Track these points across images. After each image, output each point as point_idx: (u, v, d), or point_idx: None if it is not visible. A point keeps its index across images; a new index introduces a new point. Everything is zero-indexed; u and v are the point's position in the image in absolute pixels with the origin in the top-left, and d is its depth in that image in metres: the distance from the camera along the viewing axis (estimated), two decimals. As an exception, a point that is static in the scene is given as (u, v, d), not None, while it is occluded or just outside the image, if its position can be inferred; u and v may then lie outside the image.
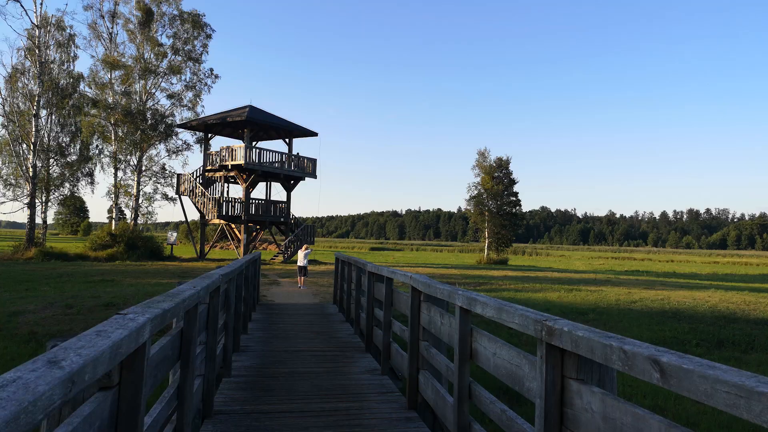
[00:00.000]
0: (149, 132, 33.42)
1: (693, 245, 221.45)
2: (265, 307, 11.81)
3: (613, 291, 20.87)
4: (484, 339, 2.98)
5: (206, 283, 3.49)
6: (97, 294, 15.10)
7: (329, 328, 9.27)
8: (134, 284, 18.67)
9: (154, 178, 36.14)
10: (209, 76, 36.43)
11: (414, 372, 4.35)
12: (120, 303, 13.47)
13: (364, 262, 7.95)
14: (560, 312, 15.13)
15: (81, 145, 36.77)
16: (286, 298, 15.45)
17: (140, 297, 14.47)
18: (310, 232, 34.28)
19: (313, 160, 33.92)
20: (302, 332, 8.70)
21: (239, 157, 30.44)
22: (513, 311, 2.59)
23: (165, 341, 2.75)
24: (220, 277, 4.07)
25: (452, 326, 3.42)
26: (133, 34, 34.13)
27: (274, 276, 23.40)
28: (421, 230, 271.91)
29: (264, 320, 9.81)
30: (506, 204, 48.86)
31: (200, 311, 3.62)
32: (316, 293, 17.02)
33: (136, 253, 30.48)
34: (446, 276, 27.01)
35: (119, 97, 33.56)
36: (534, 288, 21.28)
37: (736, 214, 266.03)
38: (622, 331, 13.00)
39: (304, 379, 5.60)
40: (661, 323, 14.09)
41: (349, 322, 9.61)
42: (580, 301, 17.77)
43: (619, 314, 15.25)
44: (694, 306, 17.23)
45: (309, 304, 12.47)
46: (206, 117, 33.49)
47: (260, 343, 7.57)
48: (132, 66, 33.59)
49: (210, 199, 31.13)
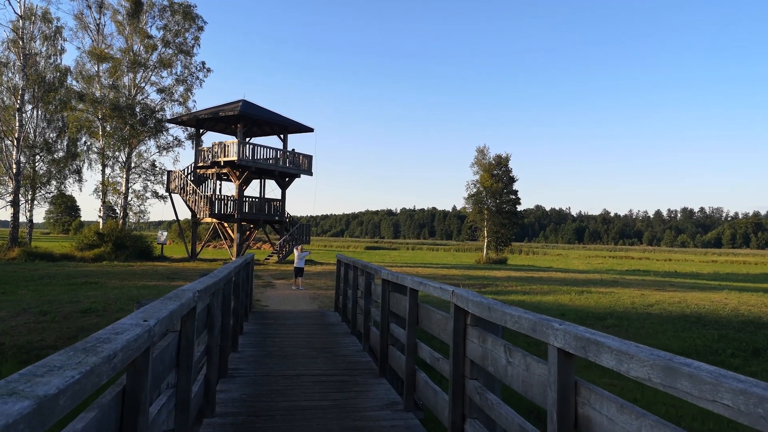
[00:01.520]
0: (138, 127, 32.14)
1: (688, 244, 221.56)
2: (259, 316, 10.58)
3: (625, 293, 19.89)
4: (604, 403, 1.92)
5: (170, 309, 2.41)
6: (77, 298, 13.93)
7: (332, 342, 8.15)
8: (119, 287, 17.50)
9: (143, 175, 34.89)
10: (201, 70, 35.20)
11: (458, 420, 3.26)
12: (99, 309, 12.32)
13: (375, 267, 6.85)
14: (576, 317, 14.11)
15: (68, 141, 35.51)
16: (282, 303, 14.33)
17: (122, 302, 13.33)
18: (306, 231, 33.13)
19: (309, 157, 32.77)
20: (302, 348, 7.56)
21: (232, 154, 29.24)
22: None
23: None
24: (194, 296, 3.00)
25: (531, 371, 2.34)
26: (121, 26, 32.84)
27: (268, 277, 22.27)
28: (416, 229, 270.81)
29: (257, 333, 8.64)
30: (506, 202, 47.88)
31: (159, 352, 2.53)
32: (313, 297, 15.90)
33: (124, 253, 29.25)
34: (448, 276, 25.96)
35: (107, 90, 32.27)
36: (542, 290, 20.26)
37: (730, 213, 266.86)
38: (647, 339, 11.99)
39: (307, 417, 4.43)
40: (686, 329, 13.08)
41: (354, 334, 8.42)
42: (594, 304, 16.77)
43: (638, 319, 14.24)
44: (714, 310, 16.26)
45: (307, 312, 11.25)
46: (198, 112, 32.28)
47: (252, 364, 6.44)
48: (120, 59, 32.29)
49: (201, 197, 29.91)
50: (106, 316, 11.66)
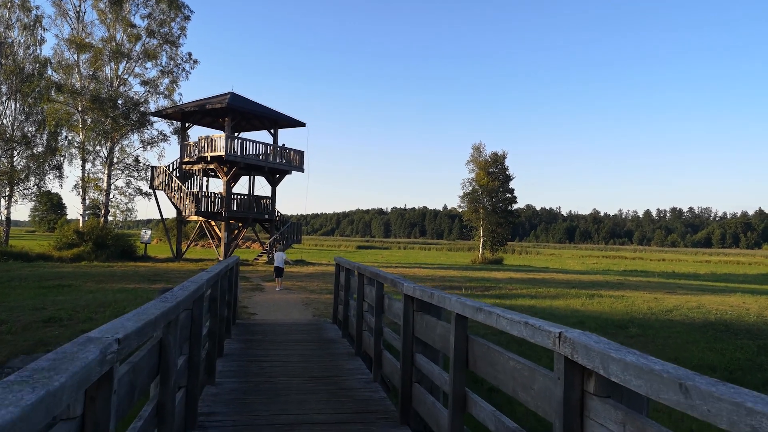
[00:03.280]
0: (120, 120, 30.56)
1: (678, 243, 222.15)
2: (245, 329, 9.01)
3: (638, 297, 18.75)
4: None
5: (73, 371, 1.15)
6: (43, 304, 12.50)
7: (334, 367, 6.65)
8: (94, 290, 16.07)
9: (126, 171, 33.31)
10: (187, 61, 33.63)
11: None
12: (65, 318, 10.91)
13: (392, 277, 5.22)
14: (596, 325, 12.90)
15: (48, 136, 33.87)
16: (272, 310, 12.96)
17: (92, 309, 11.92)
18: (297, 230, 31.72)
19: (300, 153, 31.36)
20: (296, 377, 6.05)
21: (219, 148, 27.77)
22: None
23: None
24: (139, 328, 1.69)
25: None
26: (103, 14, 31.20)
27: (257, 279, 20.90)
28: (406, 228, 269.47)
29: (241, 354, 7.11)
30: (502, 201, 46.73)
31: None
32: (306, 302, 14.55)
33: (105, 252, 27.70)
34: (447, 278, 24.73)
35: (87, 81, 30.65)
36: (549, 293, 19.06)
37: (718, 213, 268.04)
38: (680, 352, 10.78)
39: None
40: (717, 339, 11.89)
41: (360, 356, 7.10)
42: (609, 309, 15.58)
43: (662, 327, 13.05)
44: (738, 316, 15.15)
45: (301, 324, 9.79)
46: (184, 105, 30.76)
47: (233, 405, 4.95)
48: (101, 48, 30.67)
49: (187, 194, 28.39)
50: (71, 326, 10.27)
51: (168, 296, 2.93)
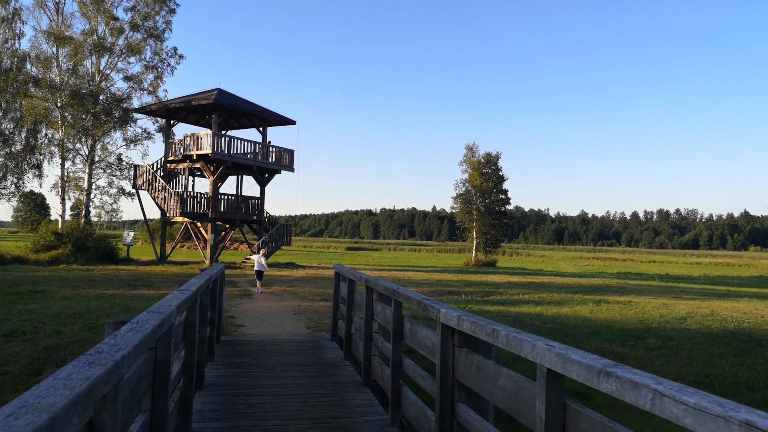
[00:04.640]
0: (102, 117, 29.26)
1: (666, 245, 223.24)
2: (230, 349, 7.80)
3: (646, 303, 17.91)
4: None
5: None
6: (9, 315, 11.34)
7: (340, 404, 5.37)
8: (69, 297, 14.89)
9: (108, 170, 32.00)
10: (173, 56, 32.35)
11: None
12: (29, 331, 9.78)
13: (423, 299, 3.93)
14: (611, 335, 11.99)
15: (27, 133, 32.47)
16: (261, 321, 11.89)
17: (62, 320, 10.79)
18: (286, 231, 30.61)
19: (290, 151, 30.25)
20: (293, 421, 4.82)
21: (206, 146, 26.60)
22: None
23: None
24: None
25: None
26: (84, 6, 29.88)
27: (245, 284, 19.79)
28: (395, 229, 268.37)
29: (226, 386, 5.93)
30: (495, 202, 45.86)
31: None
32: (298, 311, 13.48)
33: (85, 255, 26.42)
34: (443, 282, 23.78)
35: (66, 76, 29.33)
36: (553, 299, 18.15)
37: (705, 215, 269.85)
38: (709, 368, 9.86)
39: None
40: (744, 352, 11.02)
41: (369, 386, 5.94)
42: (620, 317, 14.69)
43: (680, 338, 12.17)
44: (757, 324, 14.36)
45: (295, 341, 8.61)
46: (169, 101, 29.54)
47: None
48: (82, 41, 29.36)
49: (172, 194, 27.18)
50: (35, 341, 9.15)
51: (105, 347, 1.87)
